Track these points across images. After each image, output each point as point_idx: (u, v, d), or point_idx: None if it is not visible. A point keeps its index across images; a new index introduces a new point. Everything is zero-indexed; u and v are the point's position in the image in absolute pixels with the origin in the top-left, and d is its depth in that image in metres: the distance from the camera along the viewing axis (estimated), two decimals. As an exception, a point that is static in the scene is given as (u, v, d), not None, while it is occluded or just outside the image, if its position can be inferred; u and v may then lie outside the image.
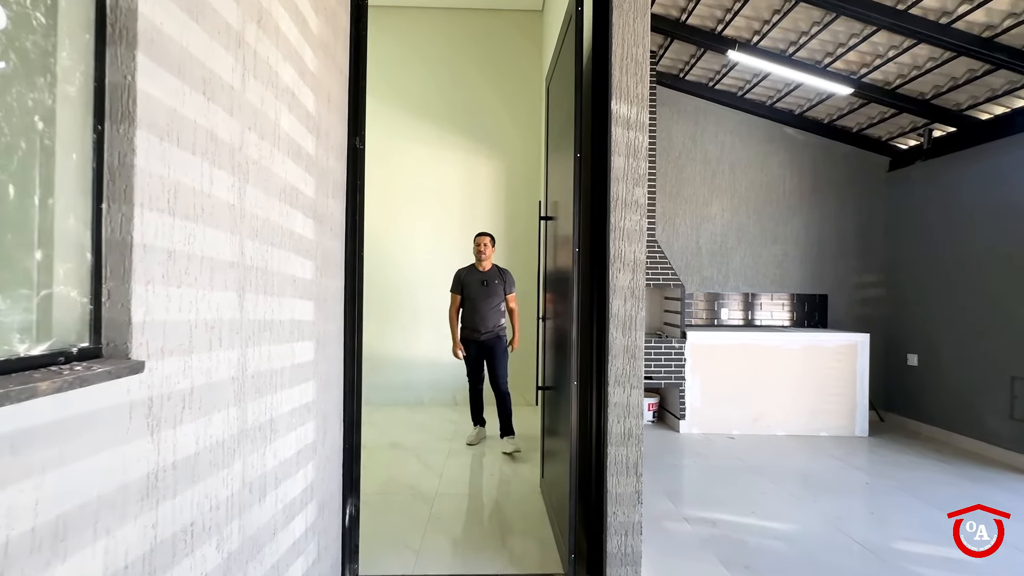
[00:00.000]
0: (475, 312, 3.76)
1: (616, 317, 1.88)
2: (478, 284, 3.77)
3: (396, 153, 4.97)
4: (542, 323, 2.89)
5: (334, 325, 1.79)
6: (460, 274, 3.82)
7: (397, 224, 4.97)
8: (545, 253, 2.79)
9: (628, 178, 1.89)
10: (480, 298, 3.75)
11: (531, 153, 5.03)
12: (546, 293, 2.82)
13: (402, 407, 4.89)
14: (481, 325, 3.75)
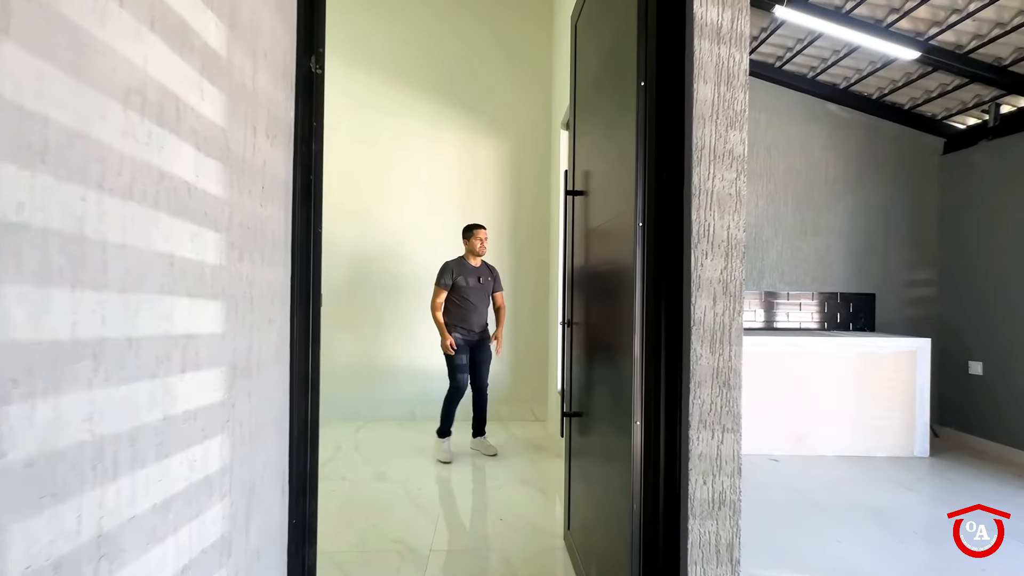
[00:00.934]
0: (472, 310, 3.45)
1: (701, 325, 1.25)
2: (475, 280, 3.45)
3: (386, 129, 4.31)
4: (568, 329, 2.25)
5: (268, 339, 1.15)
6: (451, 268, 3.42)
7: (388, 210, 4.31)
8: (571, 238, 2.15)
9: (719, 116, 1.26)
10: (476, 295, 3.46)
11: (540, 130, 4.39)
12: (572, 290, 2.18)
13: (392, 423, 4.24)
14: (476, 324, 3.47)
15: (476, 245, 3.42)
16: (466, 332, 3.41)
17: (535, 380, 4.39)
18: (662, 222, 1.33)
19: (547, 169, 4.38)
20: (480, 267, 3.49)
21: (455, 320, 3.39)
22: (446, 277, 3.39)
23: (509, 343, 4.39)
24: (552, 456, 3.49)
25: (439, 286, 3.39)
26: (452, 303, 3.40)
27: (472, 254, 3.45)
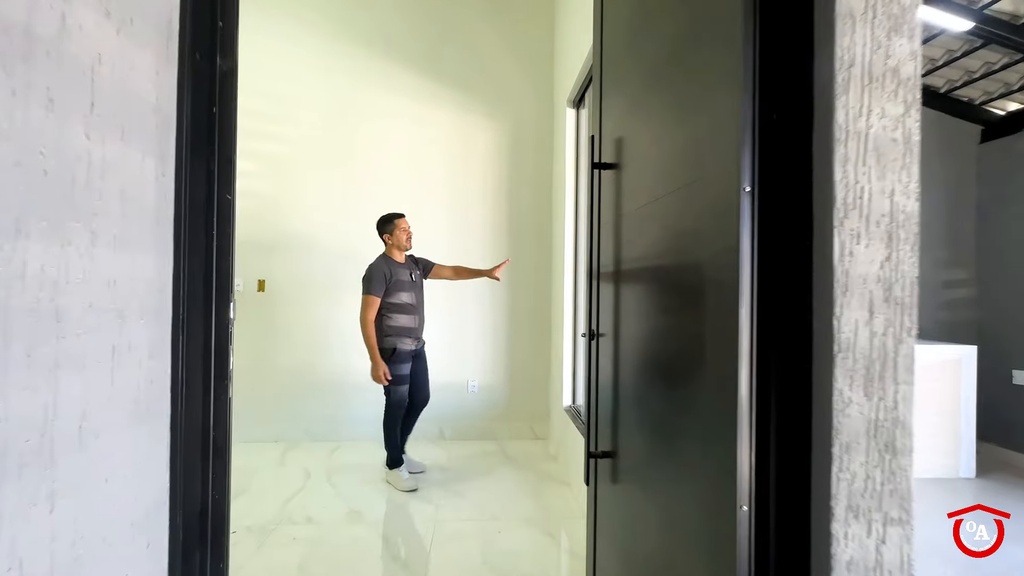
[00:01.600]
0: (416, 312, 2.98)
1: (850, 351, 0.77)
2: (409, 280, 2.95)
3: (365, 108, 3.79)
4: (591, 343, 1.76)
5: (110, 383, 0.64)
6: (383, 269, 2.88)
7: (367, 201, 3.78)
8: (596, 226, 1.67)
9: (876, 13, 0.78)
10: (417, 294, 2.99)
11: (541, 110, 3.90)
12: (597, 292, 1.69)
13: (374, 443, 3.71)
14: (420, 331, 3.03)
15: (403, 239, 2.93)
16: (413, 340, 2.92)
17: (535, 393, 3.90)
18: (775, 186, 0.84)
19: (548, 155, 3.90)
20: (407, 263, 3.00)
21: (401, 330, 2.88)
22: (378, 282, 2.81)
23: (505, 352, 3.89)
24: (557, 484, 3.00)
25: (372, 294, 2.79)
26: (392, 310, 2.86)
27: (397, 249, 2.95)
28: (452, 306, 3.84)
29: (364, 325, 2.79)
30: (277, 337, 3.69)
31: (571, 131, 3.33)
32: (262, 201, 3.71)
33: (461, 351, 3.86)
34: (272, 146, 3.72)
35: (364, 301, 2.81)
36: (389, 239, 2.94)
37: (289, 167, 3.73)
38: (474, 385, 3.86)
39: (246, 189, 3.69)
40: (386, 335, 2.86)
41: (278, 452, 3.50)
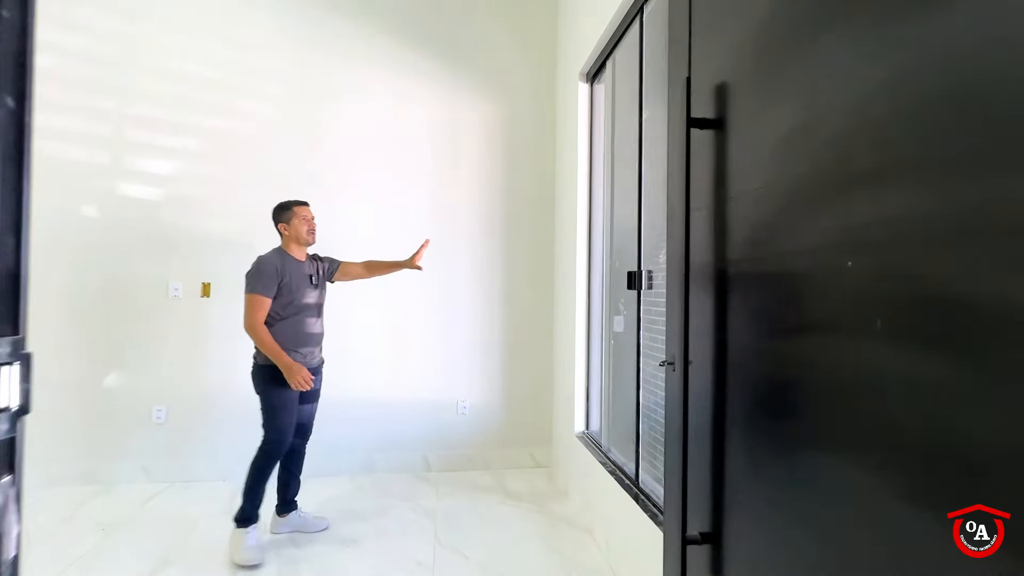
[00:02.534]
0: (311, 325, 2.34)
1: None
2: (306, 281, 2.33)
3: (336, 80, 3.19)
4: (677, 373, 1.25)
5: None
6: (275, 265, 2.24)
7: (338, 191, 3.19)
8: (683, 210, 1.16)
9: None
10: (312, 305, 2.36)
11: (542, 90, 3.40)
12: (685, 304, 1.19)
13: (342, 478, 3.10)
14: (316, 346, 2.39)
15: (302, 231, 2.31)
16: (302, 357, 2.28)
17: (536, 416, 3.38)
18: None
19: (550, 138, 3.40)
20: (307, 262, 2.38)
21: (291, 342, 2.24)
22: (268, 279, 2.19)
23: (500, 368, 3.36)
24: (576, 531, 2.48)
25: (258, 293, 2.18)
26: (282, 316, 2.24)
27: (296, 244, 2.33)
28: (439, 315, 3.29)
29: (254, 330, 2.15)
30: (223, 353, 3.04)
31: (585, 109, 2.85)
32: (210, 187, 3.06)
33: (450, 367, 3.30)
34: (223, 122, 3.08)
35: (249, 301, 2.17)
36: (285, 230, 2.32)
37: (244, 148, 3.09)
38: (465, 406, 3.31)
39: (189, 173, 3.04)
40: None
41: (227, 492, 2.86)
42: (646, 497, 1.97)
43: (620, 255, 2.47)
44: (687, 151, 1.13)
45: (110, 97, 2.98)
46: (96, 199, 2.97)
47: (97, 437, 2.96)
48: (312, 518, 2.48)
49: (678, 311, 1.15)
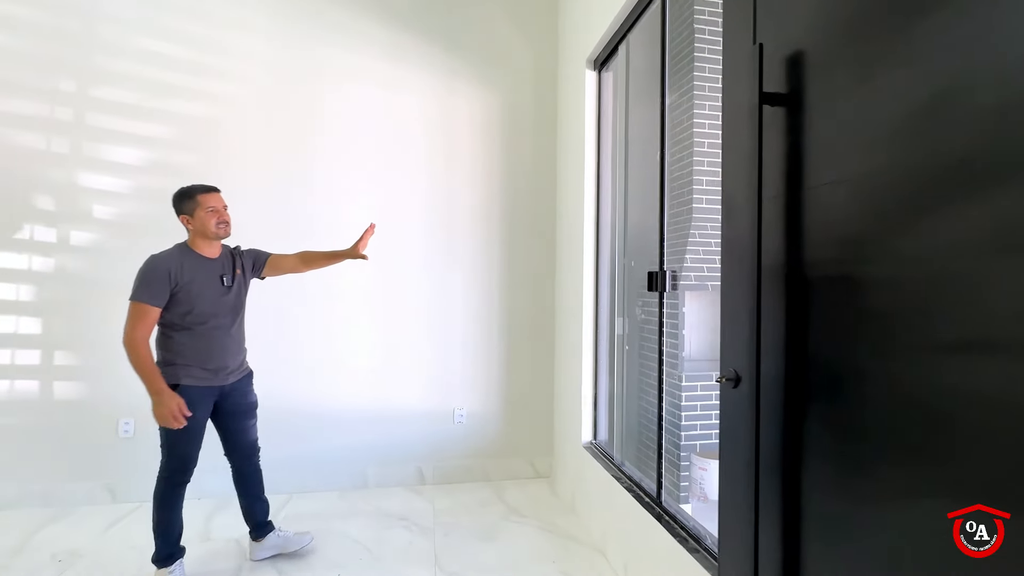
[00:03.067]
0: (220, 337, 1.99)
1: None
2: (215, 284, 1.99)
3: (322, 64, 2.95)
4: (738, 390, 1.08)
5: None
6: (167, 266, 1.89)
7: (317, 183, 2.95)
8: (755, 199, 0.99)
9: None
10: (224, 311, 2.00)
11: (543, 77, 3.21)
12: (758, 306, 1.01)
13: (331, 494, 2.88)
14: (231, 358, 2.03)
15: (210, 223, 1.94)
16: (209, 373, 1.95)
17: (537, 424, 3.20)
18: None
19: (552, 130, 3.22)
20: (220, 259, 2.04)
21: (189, 357, 1.92)
22: (156, 284, 1.85)
23: (499, 374, 3.17)
24: (586, 549, 2.31)
25: (141, 301, 1.83)
26: (180, 327, 1.91)
27: (202, 239, 1.97)
28: (434, 318, 3.08)
29: (131, 346, 1.81)
30: (202, 359, 2.78)
31: (592, 99, 2.67)
32: (182, 179, 2.79)
33: (446, 374, 3.10)
34: (196, 107, 2.82)
35: (130, 311, 1.84)
36: (188, 223, 1.95)
37: (218, 135, 2.83)
38: (461, 415, 3.11)
39: (162, 162, 2.77)
40: (166, 363, 1.90)
41: (203, 512, 2.61)
42: (671, 518, 1.81)
43: (636, 254, 2.30)
44: (759, 132, 0.96)
45: (69, 77, 2.69)
46: (53, 191, 2.68)
47: (56, 453, 2.67)
48: (293, 535, 2.24)
49: (748, 318, 0.98)
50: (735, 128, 1.05)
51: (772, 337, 0.99)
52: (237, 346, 2.07)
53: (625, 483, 2.15)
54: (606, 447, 2.55)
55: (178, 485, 1.96)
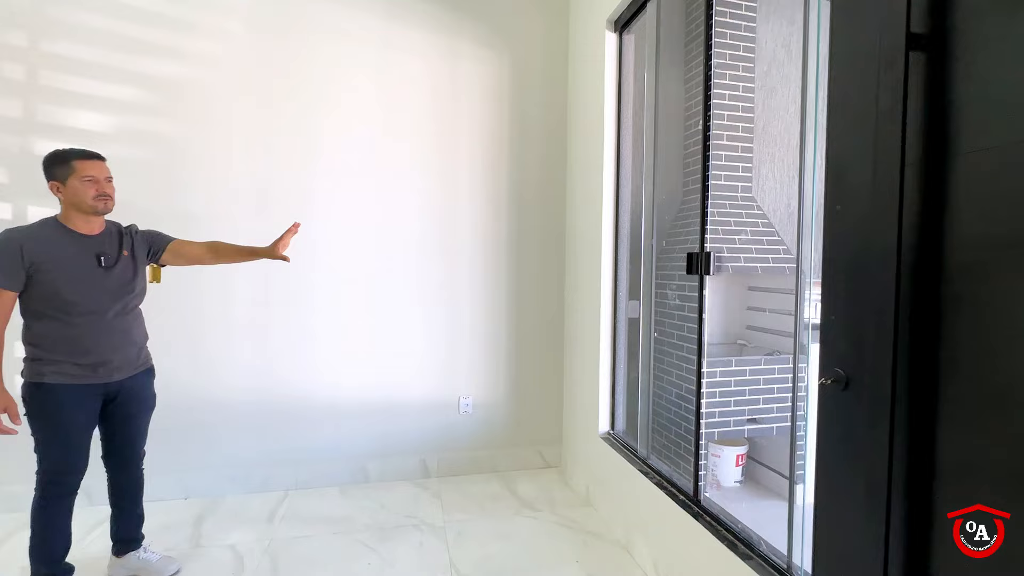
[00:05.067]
0: (94, 323, 1.70)
1: None
2: (86, 265, 1.70)
3: (313, 21, 2.65)
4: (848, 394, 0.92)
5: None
6: (21, 243, 1.61)
7: (310, 154, 2.69)
8: (895, 163, 0.82)
9: None
10: (101, 296, 1.71)
11: (553, 41, 2.97)
12: (898, 290, 0.84)
13: (330, 491, 2.70)
14: (113, 352, 1.74)
15: (86, 194, 1.66)
16: (90, 369, 1.69)
17: (546, 412, 3.06)
18: None
19: (562, 99, 3.00)
20: (104, 234, 1.76)
21: (60, 349, 1.65)
22: (9, 265, 1.58)
23: (506, 361, 3.00)
24: (609, 546, 2.19)
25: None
26: (44, 319, 1.64)
27: (76, 211, 1.69)
28: (438, 304, 2.88)
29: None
30: (179, 347, 2.54)
31: (612, 64, 2.46)
32: (158, 149, 2.50)
33: (451, 361, 2.91)
34: (173, 68, 2.50)
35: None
36: (59, 191, 1.67)
37: (199, 100, 2.53)
38: (467, 404, 2.95)
39: (131, 129, 2.47)
40: (31, 358, 1.65)
41: (191, 513, 2.40)
42: (713, 518, 1.68)
43: (665, 234, 2.14)
44: (904, 83, 0.78)
45: (18, 29, 2.34)
46: (5, 160, 2.36)
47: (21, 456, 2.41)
48: (157, 559, 1.94)
49: (874, 310, 0.81)
50: (853, 82, 0.87)
51: (898, 333, 0.84)
52: (123, 337, 1.76)
53: (654, 478, 2.03)
54: (627, 438, 2.41)
55: (54, 497, 1.68)
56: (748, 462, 3.06)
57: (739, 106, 2.86)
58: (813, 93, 1.51)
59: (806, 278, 1.68)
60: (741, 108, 2.87)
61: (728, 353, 3.01)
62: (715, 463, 3.01)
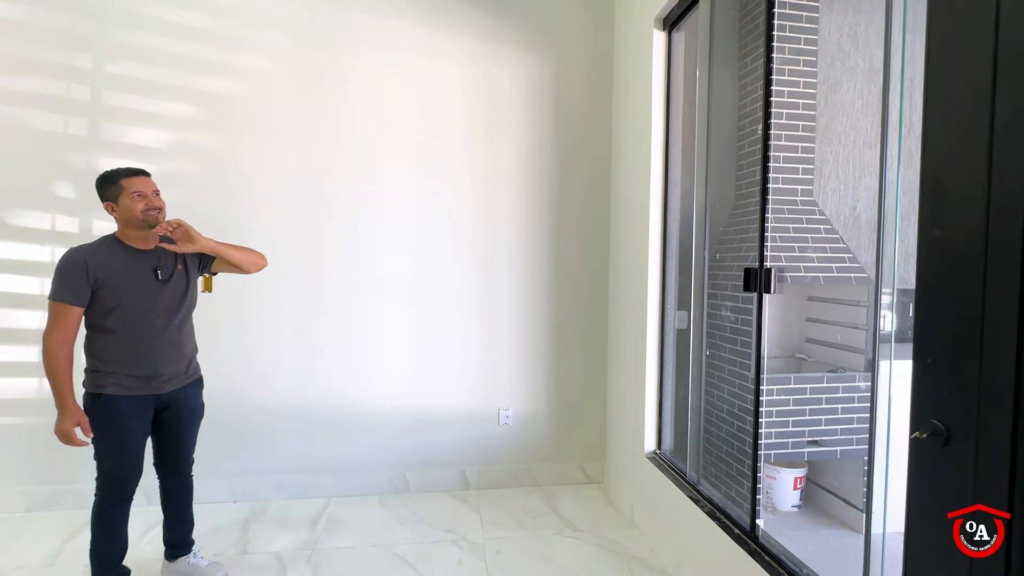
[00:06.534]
0: (154, 338, 1.75)
1: None
2: (144, 279, 1.74)
3: (353, 31, 2.67)
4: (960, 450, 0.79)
5: None
6: (88, 261, 1.66)
7: (355, 160, 2.70)
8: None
9: None
10: (156, 309, 1.75)
11: (600, 43, 2.86)
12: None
13: (371, 500, 2.71)
14: (166, 365, 1.78)
15: (135, 210, 1.69)
16: (143, 381, 1.74)
17: (587, 425, 2.96)
18: None
19: (606, 102, 2.89)
20: (156, 251, 1.78)
21: (115, 363, 1.71)
22: (73, 281, 1.64)
23: (547, 373, 2.92)
24: (655, 574, 2.07)
25: (61, 300, 1.64)
26: (103, 332, 1.70)
27: (131, 228, 1.73)
28: (478, 311, 2.83)
29: (46, 351, 1.64)
30: (230, 352, 2.61)
31: (661, 64, 2.33)
32: (208, 161, 2.58)
33: (491, 371, 2.86)
34: (224, 83, 2.57)
35: (50, 311, 1.65)
36: (113, 211, 1.73)
37: (242, 113, 2.59)
38: (507, 415, 2.89)
39: (184, 143, 2.55)
40: (91, 370, 1.71)
41: (239, 517, 2.46)
42: (772, 559, 1.55)
43: (717, 242, 2.00)
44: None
45: (84, 52, 2.47)
46: (73, 176, 2.50)
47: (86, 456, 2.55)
48: (206, 564, 1.99)
49: (1012, 355, 0.69)
50: (959, 85, 0.74)
51: (1021, 382, 0.70)
52: (175, 350, 1.81)
53: (705, 507, 1.89)
54: (675, 459, 2.29)
55: (111, 504, 1.75)
56: (807, 485, 2.85)
57: (799, 103, 2.67)
58: (897, 87, 1.35)
59: (879, 289, 1.52)
60: (801, 105, 2.68)
61: (786, 368, 2.82)
62: (770, 485, 2.82)
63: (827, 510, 2.76)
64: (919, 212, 0.82)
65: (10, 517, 2.47)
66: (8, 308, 2.47)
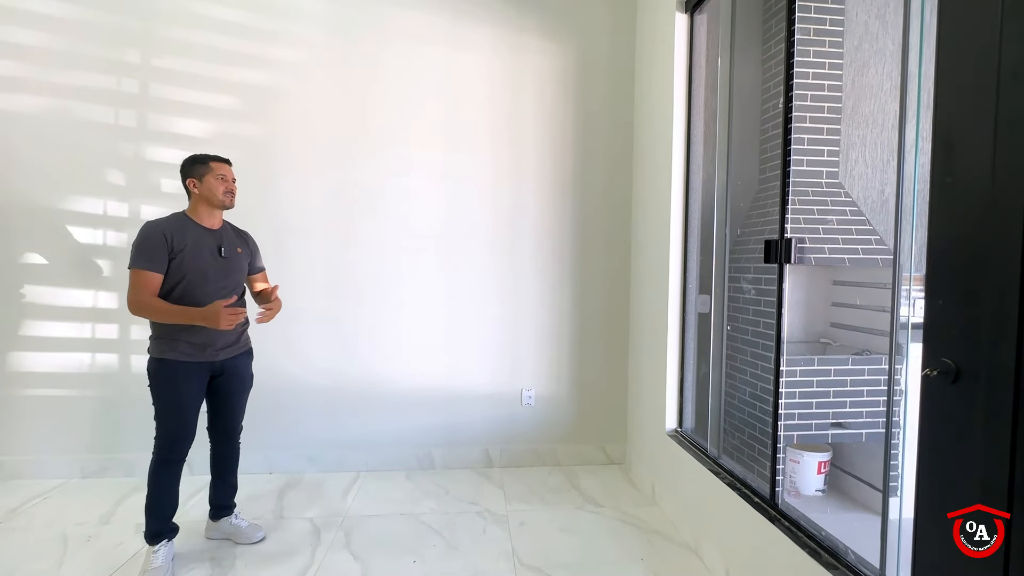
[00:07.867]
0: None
1: None
2: (213, 253, 1.91)
3: (383, 23, 2.77)
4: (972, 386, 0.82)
5: None
6: (165, 234, 1.81)
7: (379, 155, 2.80)
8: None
9: None
10: (219, 279, 1.92)
11: (620, 32, 2.90)
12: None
13: (398, 475, 2.81)
14: (219, 335, 1.92)
15: (217, 190, 1.89)
16: (199, 348, 1.87)
17: (609, 406, 3.01)
18: None
19: (628, 86, 2.92)
20: (222, 230, 1.97)
21: (175, 330, 1.84)
22: (154, 251, 1.78)
23: (569, 354, 2.97)
24: (676, 548, 2.11)
25: (144, 268, 1.77)
26: (168, 298, 1.83)
27: (207, 205, 1.91)
28: (502, 296, 2.90)
29: (142, 308, 1.76)
30: (271, 336, 2.75)
31: (683, 45, 2.36)
32: (247, 151, 2.71)
33: (514, 353, 2.94)
34: (262, 75, 2.71)
35: (131, 279, 1.77)
36: (196, 187, 1.89)
37: (280, 104, 2.72)
38: (530, 396, 2.96)
39: (225, 133, 2.69)
40: (155, 336, 1.85)
41: (274, 486, 2.60)
42: (792, 523, 1.57)
43: (740, 224, 2.02)
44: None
45: (133, 47, 2.63)
46: (123, 165, 2.66)
47: (136, 426, 2.72)
48: (246, 526, 2.14)
49: (1015, 291, 0.72)
50: (968, 32, 0.77)
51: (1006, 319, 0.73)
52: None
53: (726, 478, 1.93)
54: (696, 436, 2.31)
55: (168, 463, 1.89)
56: (832, 470, 2.83)
57: (824, 84, 2.66)
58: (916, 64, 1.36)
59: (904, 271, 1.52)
60: (827, 87, 2.66)
61: (810, 352, 2.81)
62: (794, 469, 2.82)
63: (851, 495, 2.75)
64: (931, 160, 0.86)
65: (67, 482, 2.65)
66: (64, 288, 2.66)
